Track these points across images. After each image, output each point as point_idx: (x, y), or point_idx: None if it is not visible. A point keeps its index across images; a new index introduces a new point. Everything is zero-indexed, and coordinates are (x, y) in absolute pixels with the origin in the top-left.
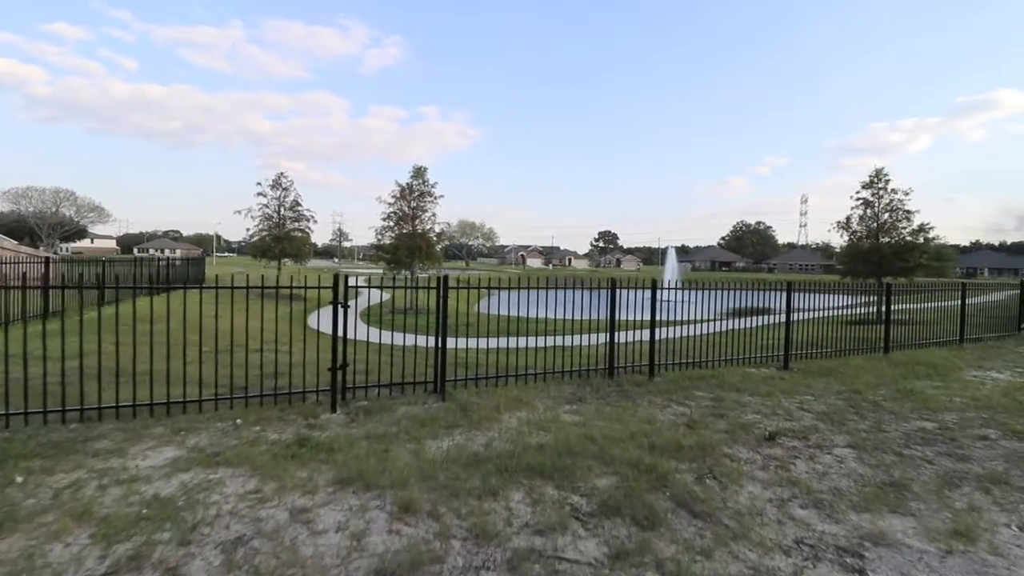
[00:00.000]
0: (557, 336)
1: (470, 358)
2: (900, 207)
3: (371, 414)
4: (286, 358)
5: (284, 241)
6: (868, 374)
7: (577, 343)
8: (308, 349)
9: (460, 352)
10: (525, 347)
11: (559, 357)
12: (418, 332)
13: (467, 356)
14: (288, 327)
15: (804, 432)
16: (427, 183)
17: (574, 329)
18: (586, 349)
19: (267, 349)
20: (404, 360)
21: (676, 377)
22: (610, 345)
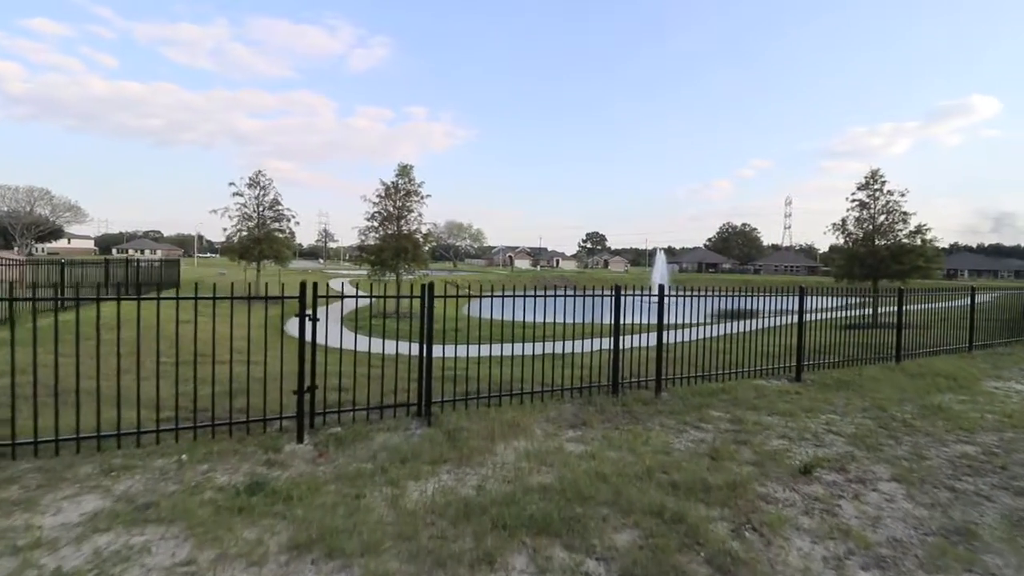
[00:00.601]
0: (552, 342)
1: (459, 369)
2: (897, 208)
3: (344, 444)
4: (256, 370)
5: (263, 242)
6: (887, 387)
7: (574, 349)
8: (281, 361)
9: (448, 362)
10: (521, 355)
11: (556, 368)
12: (403, 339)
13: (455, 368)
14: (264, 334)
15: (840, 462)
16: (413, 182)
17: (570, 334)
18: (585, 357)
19: (238, 360)
20: (385, 374)
21: (685, 393)
22: (614, 359)
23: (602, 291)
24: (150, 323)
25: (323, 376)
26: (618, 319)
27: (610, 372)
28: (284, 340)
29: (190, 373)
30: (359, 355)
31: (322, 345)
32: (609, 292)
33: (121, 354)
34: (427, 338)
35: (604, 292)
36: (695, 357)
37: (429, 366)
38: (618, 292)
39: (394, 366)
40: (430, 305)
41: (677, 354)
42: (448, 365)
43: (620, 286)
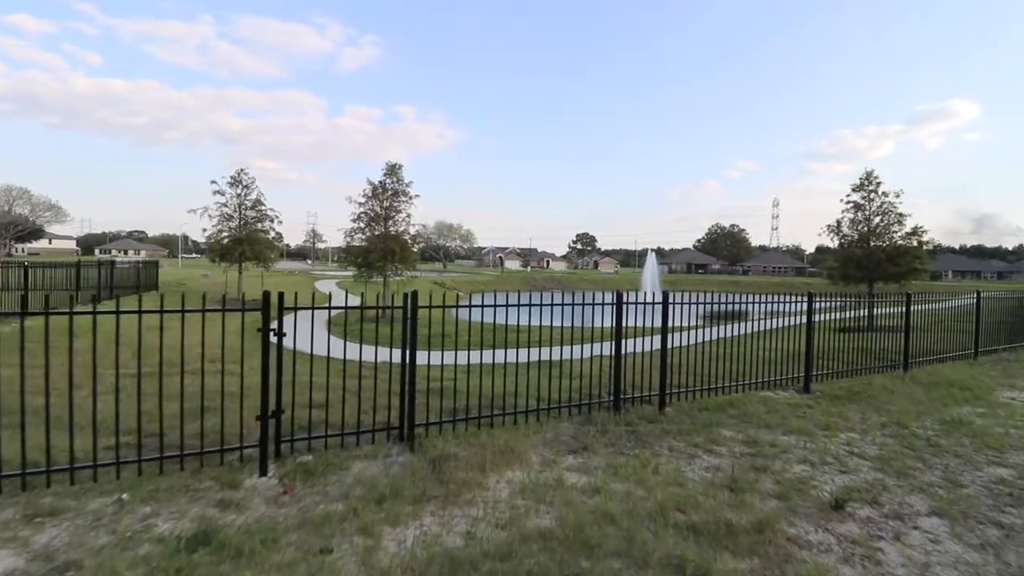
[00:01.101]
0: (546, 347)
1: (447, 380)
2: (892, 210)
3: (313, 477)
4: (228, 385)
5: (245, 243)
6: (901, 399)
7: (571, 356)
8: (243, 378)
9: (435, 371)
10: (515, 362)
11: (552, 378)
12: (386, 344)
13: (443, 378)
14: (241, 341)
15: (871, 492)
16: (401, 181)
17: (566, 338)
18: (582, 365)
19: (210, 371)
20: (366, 388)
21: (690, 408)
22: (616, 374)
23: (603, 298)
24: (124, 331)
25: (298, 392)
26: (620, 330)
27: (611, 386)
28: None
29: (156, 387)
30: (340, 364)
31: (303, 352)
32: (610, 300)
33: (74, 370)
34: (410, 354)
35: (605, 300)
36: (696, 365)
37: (412, 384)
38: (620, 300)
39: (376, 378)
40: (413, 316)
41: (677, 361)
42: (435, 375)
43: (621, 292)
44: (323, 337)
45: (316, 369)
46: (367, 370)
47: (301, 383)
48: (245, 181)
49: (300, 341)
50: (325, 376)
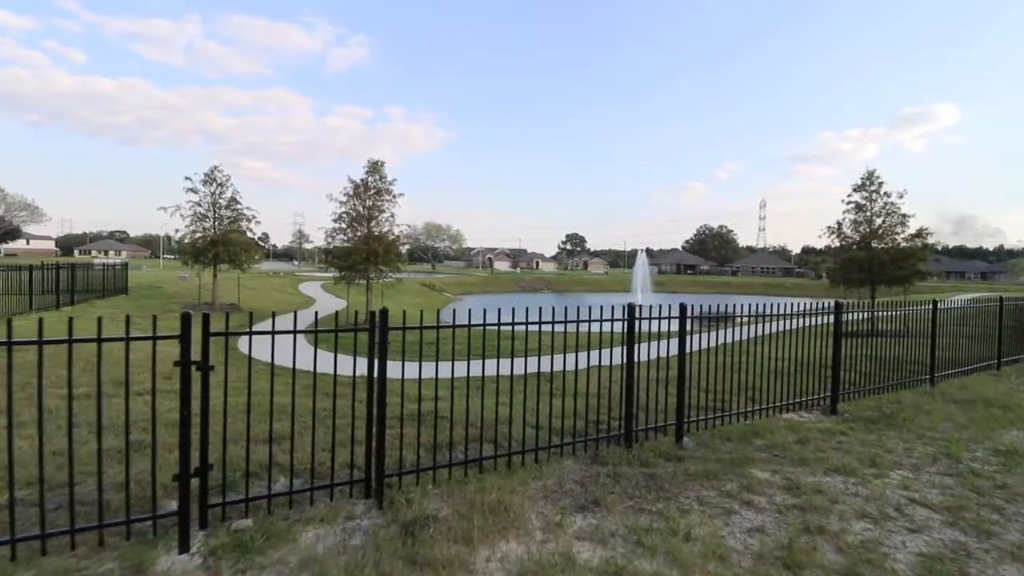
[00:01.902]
0: (542, 355)
1: (427, 401)
2: (895, 211)
3: (248, 555)
4: (159, 425)
5: (220, 244)
6: (939, 421)
7: (567, 366)
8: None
9: (415, 389)
10: (510, 376)
11: (551, 395)
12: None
13: (420, 400)
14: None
15: (956, 562)
16: (385, 179)
17: (564, 346)
18: (588, 378)
19: (162, 392)
20: (328, 417)
21: (710, 439)
22: (627, 403)
23: (611, 313)
24: (74, 343)
25: (251, 420)
26: (632, 352)
27: (621, 415)
28: (232, 363)
29: (92, 420)
30: (306, 382)
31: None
32: (621, 315)
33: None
34: (379, 388)
35: (615, 315)
36: (705, 379)
37: (382, 426)
38: (632, 315)
39: (346, 404)
40: (382, 339)
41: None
42: (414, 393)
43: (634, 306)
44: (300, 351)
45: (279, 387)
46: (340, 387)
47: (257, 411)
48: (220, 179)
49: (265, 351)
50: (287, 399)
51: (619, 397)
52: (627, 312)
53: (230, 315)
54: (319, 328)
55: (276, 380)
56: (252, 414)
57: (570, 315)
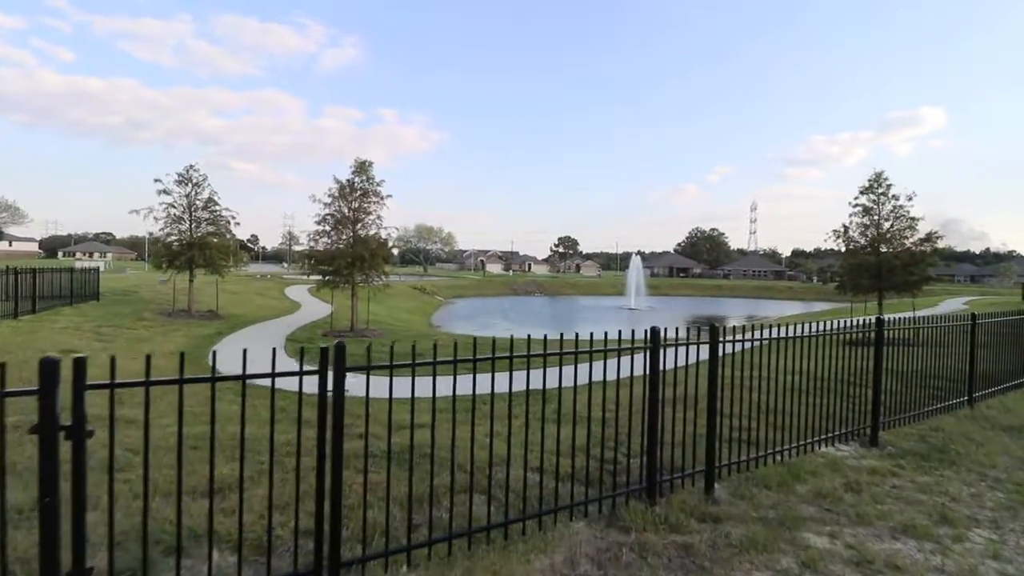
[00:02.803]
0: (538, 368)
1: (402, 424)
2: (904, 214)
3: None
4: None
5: (195, 248)
6: (995, 455)
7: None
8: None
9: (383, 410)
10: (508, 394)
11: (557, 423)
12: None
13: (390, 428)
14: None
15: None
16: (372, 180)
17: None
18: (587, 395)
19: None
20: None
21: (745, 487)
22: (649, 449)
23: (632, 337)
24: (27, 354)
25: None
26: (656, 387)
27: (640, 453)
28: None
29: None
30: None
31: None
32: (643, 341)
33: None
34: (332, 461)
35: (635, 341)
36: (720, 401)
37: (336, 503)
38: (656, 339)
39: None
40: (337, 389)
41: (685, 393)
42: (385, 418)
43: (658, 330)
44: (276, 364)
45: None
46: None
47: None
48: (196, 178)
49: (237, 367)
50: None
51: (635, 427)
52: (650, 337)
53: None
54: (248, 374)
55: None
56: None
57: (573, 331)
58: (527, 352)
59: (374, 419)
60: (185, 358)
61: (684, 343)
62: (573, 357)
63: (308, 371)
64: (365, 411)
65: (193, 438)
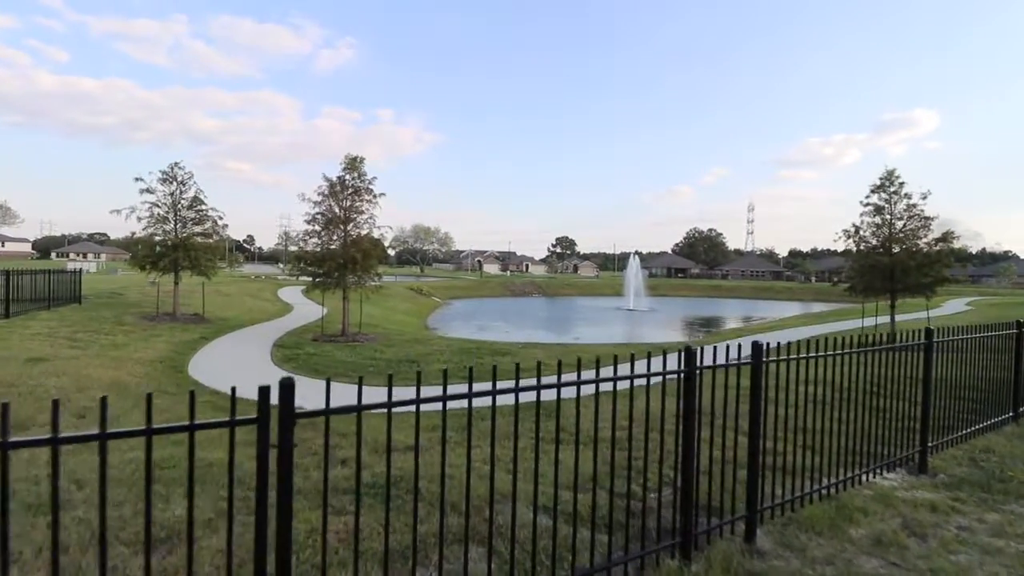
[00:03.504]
0: (541, 376)
1: (378, 443)
2: (918, 213)
3: None
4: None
5: (180, 249)
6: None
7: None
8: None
9: (377, 427)
10: (514, 408)
11: (555, 441)
12: (343, 376)
13: (356, 455)
14: (148, 381)
15: None
16: (364, 178)
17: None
18: (594, 408)
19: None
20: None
21: (792, 535)
22: (683, 493)
23: (664, 359)
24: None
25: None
26: (691, 421)
27: (675, 509)
28: (169, 394)
29: None
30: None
31: (216, 393)
32: (675, 366)
33: None
34: (277, 557)
35: (667, 364)
36: (736, 418)
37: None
38: (692, 361)
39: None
40: (283, 447)
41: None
42: (373, 439)
43: (692, 350)
44: (257, 372)
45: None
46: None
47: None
48: (181, 177)
49: (223, 376)
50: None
51: (655, 449)
52: (685, 359)
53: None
54: (171, 425)
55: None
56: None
57: (573, 333)
58: (538, 384)
59: (350, 441)
60: (162, 366)
61: (724, 365)
62: (595, 385)
63: (242, 420)
64: (324, 473)
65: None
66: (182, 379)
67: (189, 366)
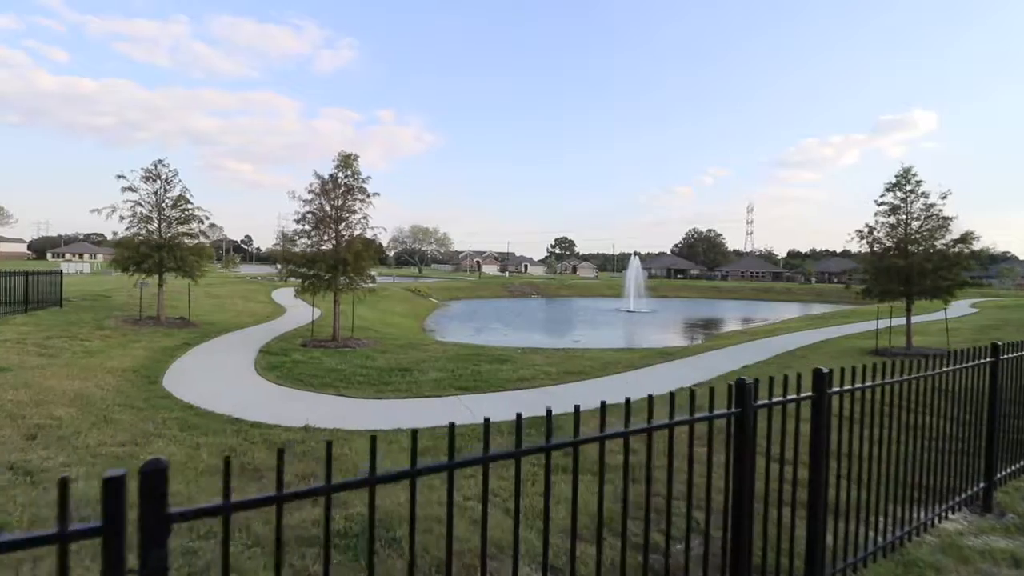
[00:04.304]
0: (544, 386)
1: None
2: (936, 213)
3: None
4: None
5: (165, 250)
6: None
7: (575, 391)
8: None
9: (361, 447)
10: (522, 424)
11: (564, 470)
12: (328, 387)
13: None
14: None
15: None
16: (358, 176)
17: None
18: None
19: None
20: None
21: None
22: (734, 557)
23: (710, 398)
24: None
25: None
26: (744, 472)
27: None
28: (138, 410)
29: None
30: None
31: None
32: (726, 408)
33: None
34: None
35: (714, 403)
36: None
37: None
38: (745, 397)
39: None
40: (147, 546)
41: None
42: (349, 456)
43: (745, 385)
44: (238, 383)
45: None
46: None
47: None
48: (165, 174)
49: (200, 387)
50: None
51: (724, 559)
52: (736, 394)
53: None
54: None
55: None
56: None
57: (574, 335)
58: (575, 438)
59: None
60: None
61: (781, 401)
62: (623, 439)
63: (78, 532)
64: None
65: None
66: (154, 391)
67: (165, 376)
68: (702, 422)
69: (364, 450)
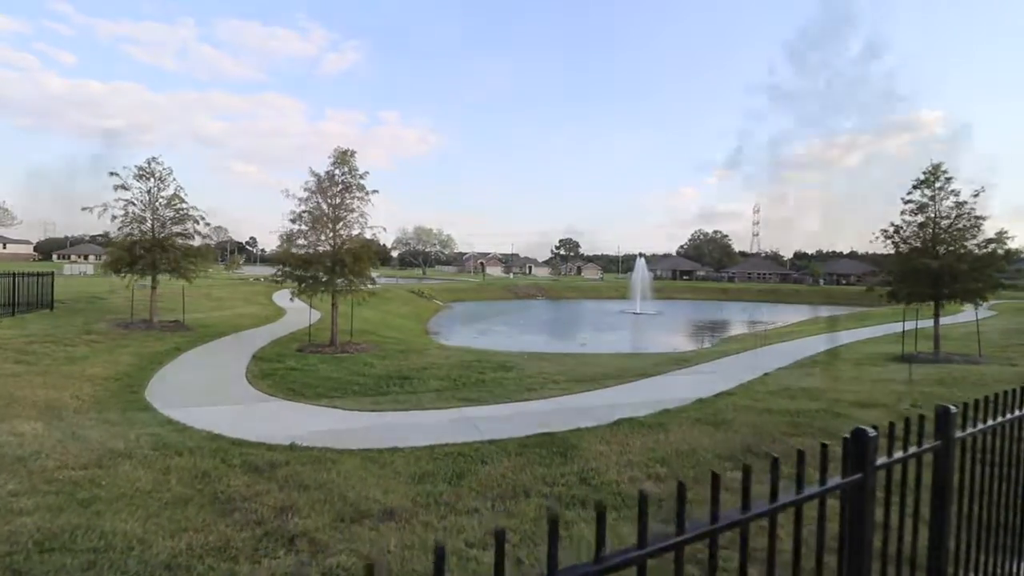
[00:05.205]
0: (551, 395)
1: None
2: (968, 212)
3: None
4: None
5: (157, 250)
6: None
7: (586, 402)
8: None
9: (351, 462)
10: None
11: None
12: (324, 398)
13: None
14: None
15: None
16: (355, 173)
17: (592, 372)
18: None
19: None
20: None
21: None
22: None
23: (821, 458)
24: None
25: None
26: (860, 550)
27: None
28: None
29: None
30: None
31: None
32: (842, 465)
33: None
34: None
35: (825, 467)
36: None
37: None
38: (865, 454)
39: None
40: None
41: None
42: (340, 495)
43: (865, 436)
44: (226, 393)
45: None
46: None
47: None
48: (159, 173)
49: (184, 398)
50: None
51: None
52: (854, 447)
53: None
54: None
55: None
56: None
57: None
58: (679, 539)
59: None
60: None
61: (903, 458)
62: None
63: None
64: None
65: None
66: (134, 402)
67: (148, 385)
68: (829, 494)
69: (353, 475)
